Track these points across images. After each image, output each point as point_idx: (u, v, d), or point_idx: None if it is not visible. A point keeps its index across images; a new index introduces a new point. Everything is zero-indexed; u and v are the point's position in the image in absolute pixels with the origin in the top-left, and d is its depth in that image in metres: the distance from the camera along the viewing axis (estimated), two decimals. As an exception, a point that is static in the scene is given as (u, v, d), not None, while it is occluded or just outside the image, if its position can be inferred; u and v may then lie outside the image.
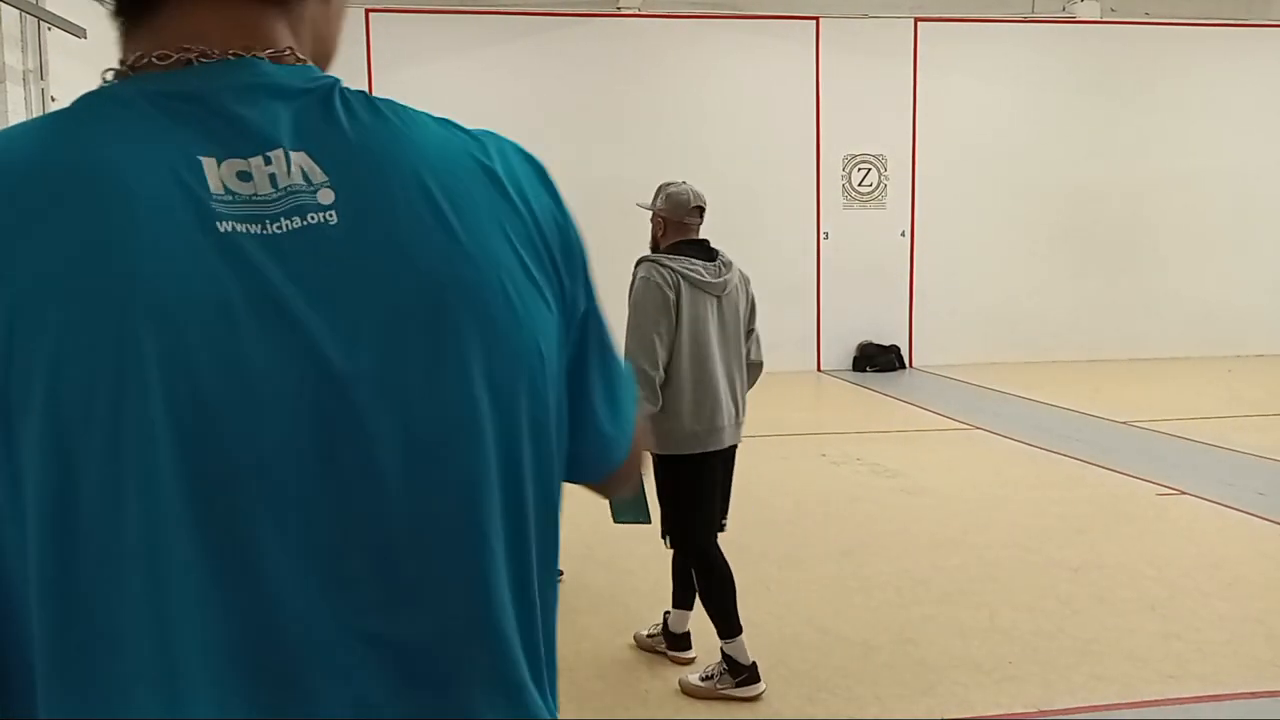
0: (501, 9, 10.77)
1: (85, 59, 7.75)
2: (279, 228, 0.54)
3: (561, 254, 0.66)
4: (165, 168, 0.53)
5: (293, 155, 0.55)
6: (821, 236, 11.68)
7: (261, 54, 0.58)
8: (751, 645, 3.25)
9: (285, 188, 0.54)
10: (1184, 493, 5.37)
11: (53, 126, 0.58)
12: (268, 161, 0.55)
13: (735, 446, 3.09)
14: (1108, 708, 2.86)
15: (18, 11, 6.75)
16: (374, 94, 0.63)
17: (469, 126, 0.67)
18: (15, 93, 6.87)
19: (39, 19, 6.97)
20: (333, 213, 0.55)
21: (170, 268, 0.51)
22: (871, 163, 11.85)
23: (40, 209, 0.51)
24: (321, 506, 0.54)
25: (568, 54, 10.82)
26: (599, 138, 10.77)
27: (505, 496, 0.59)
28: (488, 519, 0.58)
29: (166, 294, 0.50)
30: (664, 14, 10.91)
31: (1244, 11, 12.39)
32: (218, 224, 0.52)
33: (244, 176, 0.54)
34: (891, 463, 6.14)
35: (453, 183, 0.60)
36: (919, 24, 11.72)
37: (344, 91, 0.60)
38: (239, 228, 0.53)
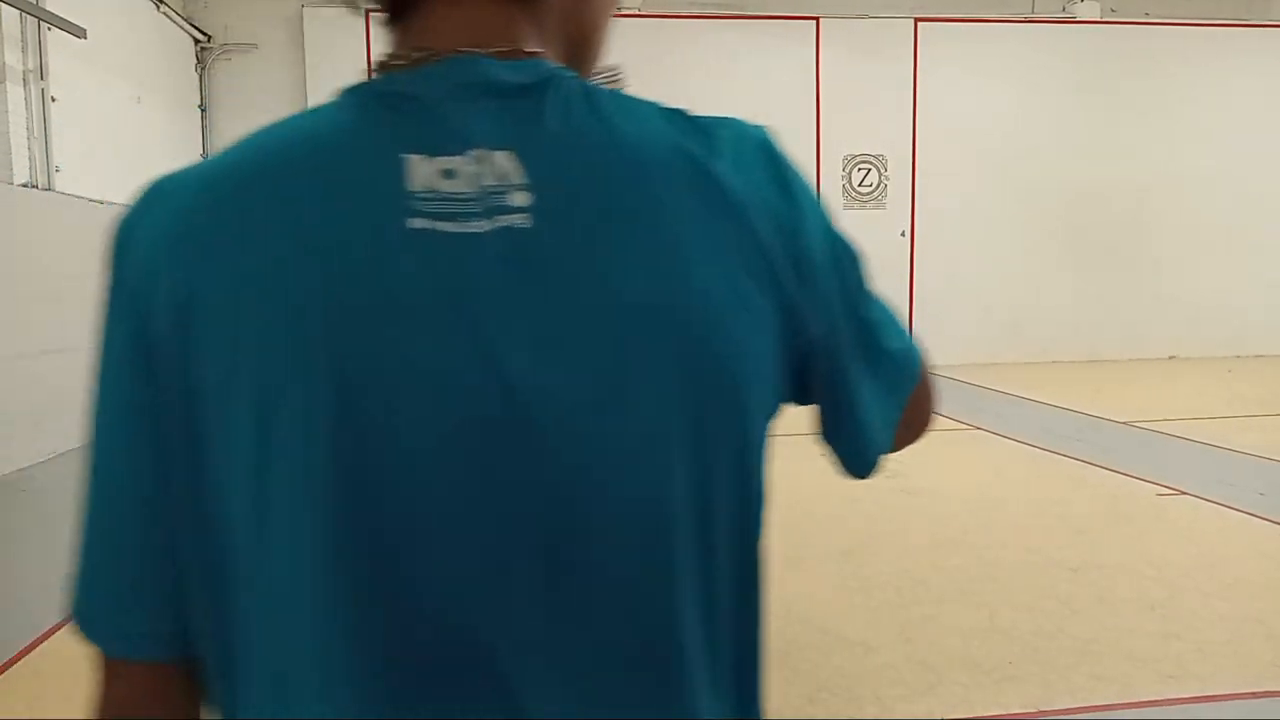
0: None
1: (85, 59, 7.76)
2: (474, 227, 0.53)
3: (789, 263, 0.58)
4: (369, 165, 0.54)
5: (496, 155, 0.54)
6: (822, 236, 11.70)
7: (489, 51, 0.57)
8: (751, 645, 3.26)
9: (485, 187, 0.54)
10: (1184, 493, 5.36)
11: (292, 122, 0.59)
12: (471, 161, 0.54)
13: None
14: (1107, 708, 2.86)
15: (18, 11, 6.76)
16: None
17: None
18: (15, 93, 6.87)
19: (39, 19, 6.97)
20: (527, 215, 0.53)
21: (358, 266, 0.52)
22: (871, 163, 11.85)
23: (256, 204, 0.54)
24: (481, 511, 0.53)
25: (568, 54, 10.82)
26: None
27: (696, 527, 0.56)
28: (670, 551, 0.55)
29: (353, 290, 0.52)
30: (664, 14, 10.92)
31: (1244, 11, 12.40)
32: (411, 220, 0.53)
33: (448, 174, 0.54)
34: (891, 463, 6.13)
35: (658, 189, 0.56)
36: (919, 24, 11.72)
37: (565, 87, 0.57)
38: (433, 225, 0.53)
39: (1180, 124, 12.23)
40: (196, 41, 10.40)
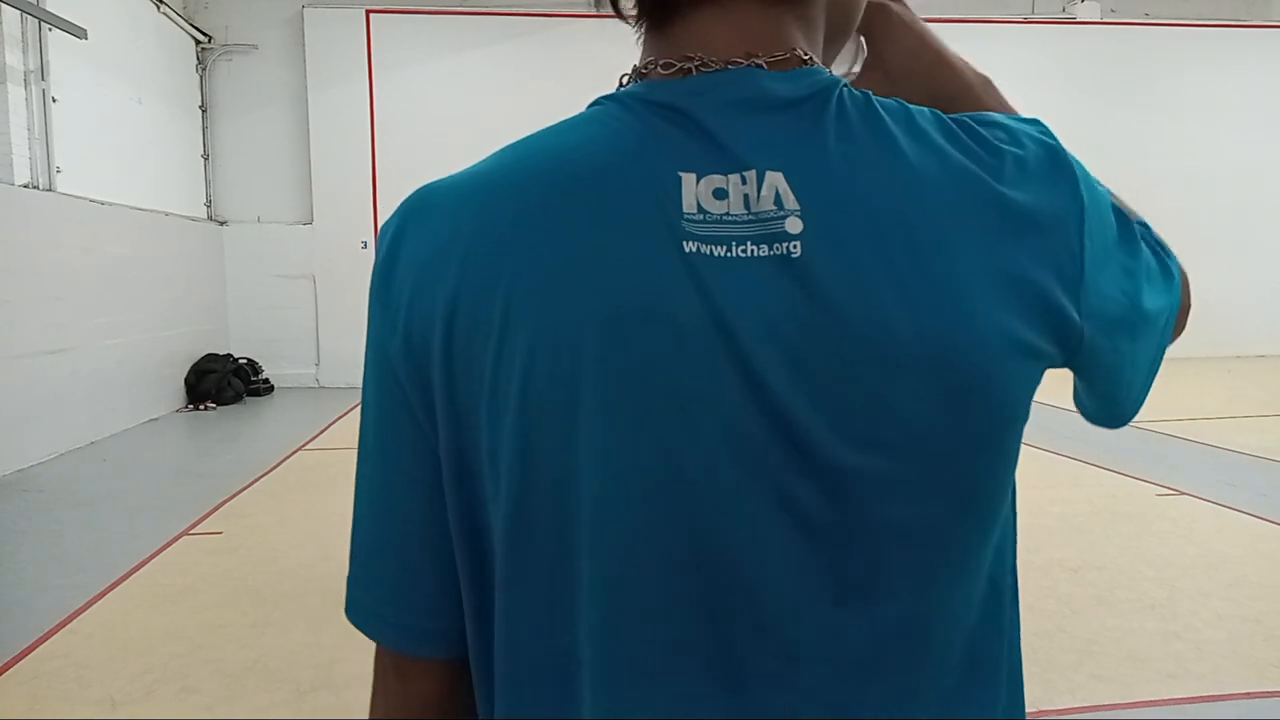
0: (502, 9, 10.77)
1: (86, 59, 7.76)
2: (744, 252, 0.52)
3: (1072, 285, 0.55)
4: (646, 181, 0.53)
5: (769, 176, 0.52)
6: (822, 237, 11.69)
7: (761, 60, 0.55)
8: (751, 645, 3.27)
9: (757, 212, 0.52)
10: (1184, 493, 5.36)
11: (559, 132, 0.58)
12: (744, 181, 0.52)
13: None
14: (1108, 707, 2.86)
15: (18, 12, 6.76)
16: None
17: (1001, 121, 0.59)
18: (16, 93, 6.87)
19: (39, 19, 6.97)
20: (798, 244, 0.51)
21: (630, 284, 0.52)
22: (872, 163, 11.86)
23: (530, 216, 0.53)
24: (757, 523, 0.53)
25: (568, 54, 10.81)
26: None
27: (960, 569, 0.57)
28: (943, 587, 0.56)
29: (622, 309, 0.51)
30: (665, 14, 10.91)
31: (1244, 11, 12.39)
32: (684, 244, 0.52)
33: (720, 194, 0.52)
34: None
35: (941, 218, 0.52)
36: (920, 24, 11.71)
37: (843, 100, 0.55)
38: (704, 249, 0.52)
39: (1180, 124, 12.22)
40: (197, 42, 10.41)
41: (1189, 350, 12.64)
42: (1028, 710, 2.27)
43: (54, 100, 7.20)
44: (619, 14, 0.59)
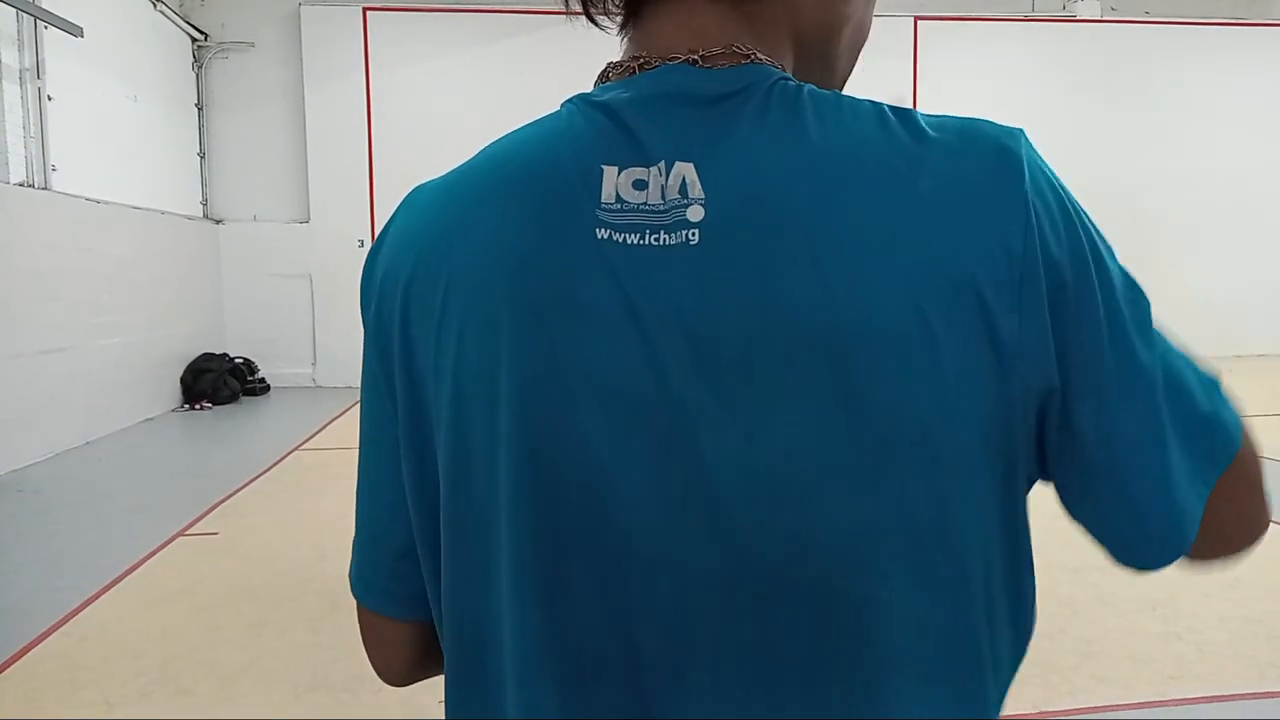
0: (500, 7, 10.75)
1: (82, 57, 7.74)
2: (656, 240, 0.53)
3: (1008, 287, 0.50)
4: (571, 176, 0.56)
5: (677, 166, 0.54)
6: (821, 236, 11.70)
7: (698, 56, 0.57)
8: (751, 646, 3.25)
9: (669, 200, 0.54)
10: (1184, 493, 5.35)
11: (518, 132, 0.62)
12: (660, 173, 0.54)
13: None
14: (1108, 708, 2.85)
15: (14, 10, 6.73)
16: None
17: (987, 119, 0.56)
18: (11, 91, 6.85)
19: (35, 17, 6.95)
20: (696, 232, 0.53)
21: (545, 272, 0.54)
22: (871, 162, 11.86)
23: (471, 210, 0.58)
24: (653, 512, 0.53)
25: (568, 52, 10.78)
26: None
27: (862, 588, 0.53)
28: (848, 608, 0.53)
29: (536, 295, 0.54)
30: (663, 13, 10.91)
31: (1244, 11, 12.40)
32: (597, 231, 0.54)
33: (639, 186, 0.54)
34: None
35: (845, 200, 0.51)
36: (919, 23, 11.71)
37: (771, 94, 0.55)
38: (616, 236, 0.54)
39: (1180, 124, 12.23)
40: (193, 40, 10.38)
41: (1189, 350, 12.65)
42: (1028, 711, 2.23)
43: (49, 98, 7.17)
44: (591, 19, 0.64)
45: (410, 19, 10.67)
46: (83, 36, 7.48)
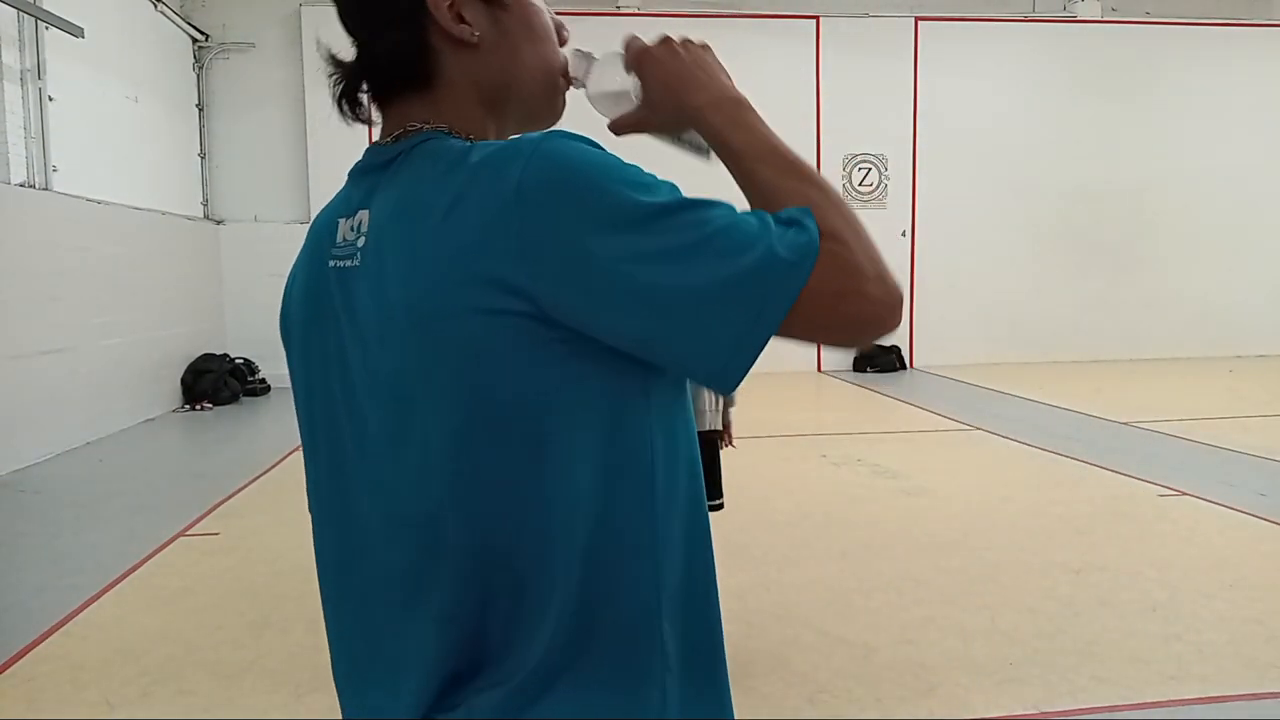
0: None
1: (83, 58, 7.74)
2: (345, 264, 0.80)
3: (501, 261, 0.69)
4: (327, 223, 0.86)
5: (359, 214, 0.81)
6: (821, 236, 11.69)
7: (387, 137, 0.83)
8: (751, 646, 3.25)
9: (354, 239, 0.80)
10: (1185, 493, 5.35)
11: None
12: (354, 219, 0.81)
13: (717, 432, 3.26)
14: (1109, 709, 2.84)
15: (15, 10, 6.73)
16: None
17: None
18: (13, 92, 6.85)
19: (36, 18, 6.95)
20: (357, 256, 0.79)
21: (308, 288, 0.86)
22: (872, 162, 11.84)
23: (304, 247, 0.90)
24: (347, 453, 0.82)
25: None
26: (597, 136, 10.72)
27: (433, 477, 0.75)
28: (416, 504, 0.76)
29: (305, 300, 0.87)
30: (663, 13, 10.91)
31: (1244, 11, 12.39)
32: (329, 261, 0.83)
33: (351, 229, 0.81)
34: (892, 464, 6.13)
35: (415, 220, 0.74)
36: (919, 23, 11.71)
37: (416, 153, 0.78)
38: (334, 263, 0.82)
39: (1180, 124, 12.22)
40: (194, 40, 10.38)
41: (1190, 350, 12.65)
42: (1028, 710, 2.23)
43: (50, 99, 7.18)
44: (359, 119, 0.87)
45: (411, 19, 10.67)
46: (83, 37, 7.48)
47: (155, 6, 9.33)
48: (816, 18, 11.46)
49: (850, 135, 11.62)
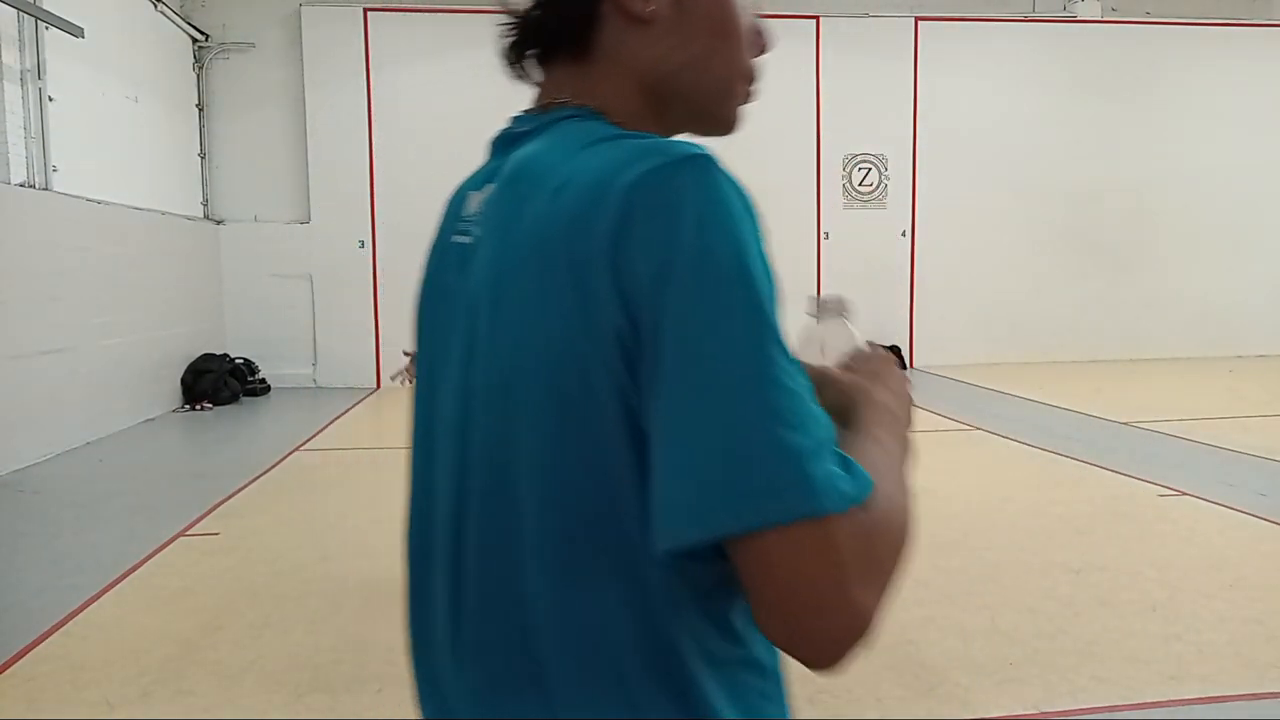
0: (500, 8, 10.74)
1: (83, 58, 7.74)
2: (465, 240, 0.75)
3: (609, 271, 0.61)
4: (460, 196, 0.81)
5: (487, 188, 0.75)
6: (822, 236, 11.67)
7: (535, 105, 0.79)
8: (751, 647, 3.25)
9: (475, 213, 0.75)
10: (1185, 493, 5.35)
11: None
12: (482, 192, 0.76)
13: None
14: (1109, 709, 2.84)
15: (15, 10, 6.73)
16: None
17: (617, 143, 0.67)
18: (12, 92, 6.85)
19: (36, 18, 6.95)
20: (472, 234, 0.74)
21: (429, 264, 0.83)
22: (872, 162, 11.84)
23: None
24: (457, 422, 0.73)
25: (567, 53, 10.79)
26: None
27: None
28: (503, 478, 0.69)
29: (423, 282, 0.83)
30: (663, 13, 10.90)
31: (1244, 11, 12.39)
32: (453, 236, 0.78)
33: (476, 204, 0.76)
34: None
35: (516, 200, 0.70)
36: (919, 23, 11.70)
37: (554, 129, 0.74)
38: (456, 239, 0.78)
39: (1180, 124, 12.22)
40: (194, 40, 10.38)
41: (1190, 350, 12.59)
42: (1028, 710, 2.23)
43: (50, 99, 7.18)
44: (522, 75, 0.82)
45: (410, 19, 10.67)
46: (83, 37, 7.48)
47: (155, 6, 9.33)
48: (816, 18, 11.45)
49: (850, 135, 11.62)
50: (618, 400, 0.61)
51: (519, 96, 0.85)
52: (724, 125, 0.82)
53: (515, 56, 0.80)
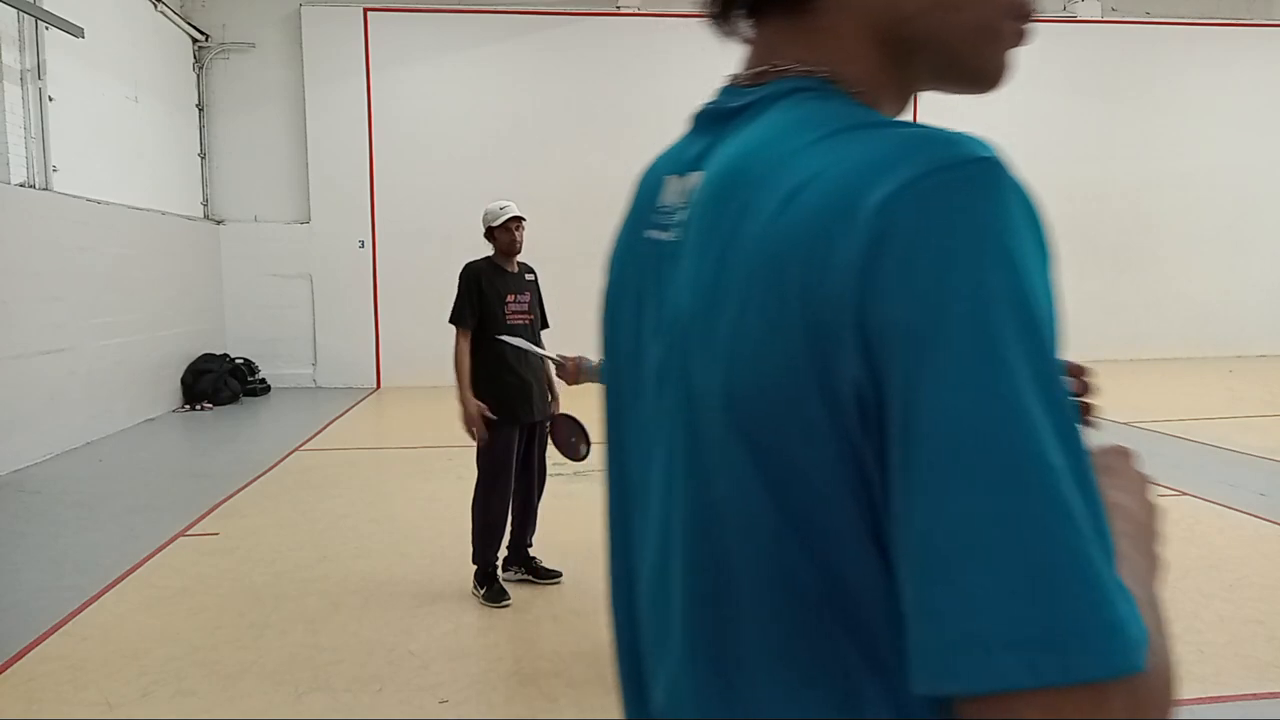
0: (500, 8, 10.75)
1: (83, 58, 7.74)
2: (662, 236, 0.64)
3: (853, 306, 0.49)
4: (654, 180, 0.69)
5: (693, 175, 0.62)
6: (821, 236, 11.68)
7: (745, 75, 0.64)
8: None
9: (678, 205, 0.63)
10: (1185, 493, 5.35)
11: None
12: (685, 179, 0.63)
13: None
14: (1109, 709, 2.85)
15: (15, 10, 6.73)
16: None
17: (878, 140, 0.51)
18: (13, 92, 6.85)
19: (36, 18, 6.95)
20: (673, 233, 0.63)
21: (616, 257, 0.72)
22: (871, 162, 11.84)
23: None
24: (658, 426, 0.63)
25: (566, 53, 10.79)
26: (597, 137, 10.75)
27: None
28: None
29: (610, 276, 0.72)
30: (663, 13, 10.89)
31: (1244, 11, 12.39)
32: (646, 230, 0.67)
33: (677, 192, 0.64)
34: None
35: (731, 201, 0.56)
36: (919, 23, 11.70)
37: (771, 106, 0.59)
38: (650, 234, 0.66)
39: (1180, 124, 12.22)
40: (194, 40, 10.38)
41: (1190, 350, 12.59)
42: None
43: (50, 99, 7.18)
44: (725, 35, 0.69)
45: (410, 19, 10.67)
46: (83, 37, 7.48)
47: (155, 6, 9.33)
48: (816, 18, 11.46)
49: (850, 135, 11.61)
50: (849, 466, 0.49)
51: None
52: (986, 79, 0.64)
53: (721, 8, 0.66)
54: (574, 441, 3.69)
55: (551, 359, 2.89)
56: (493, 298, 3.86)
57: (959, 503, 0.44)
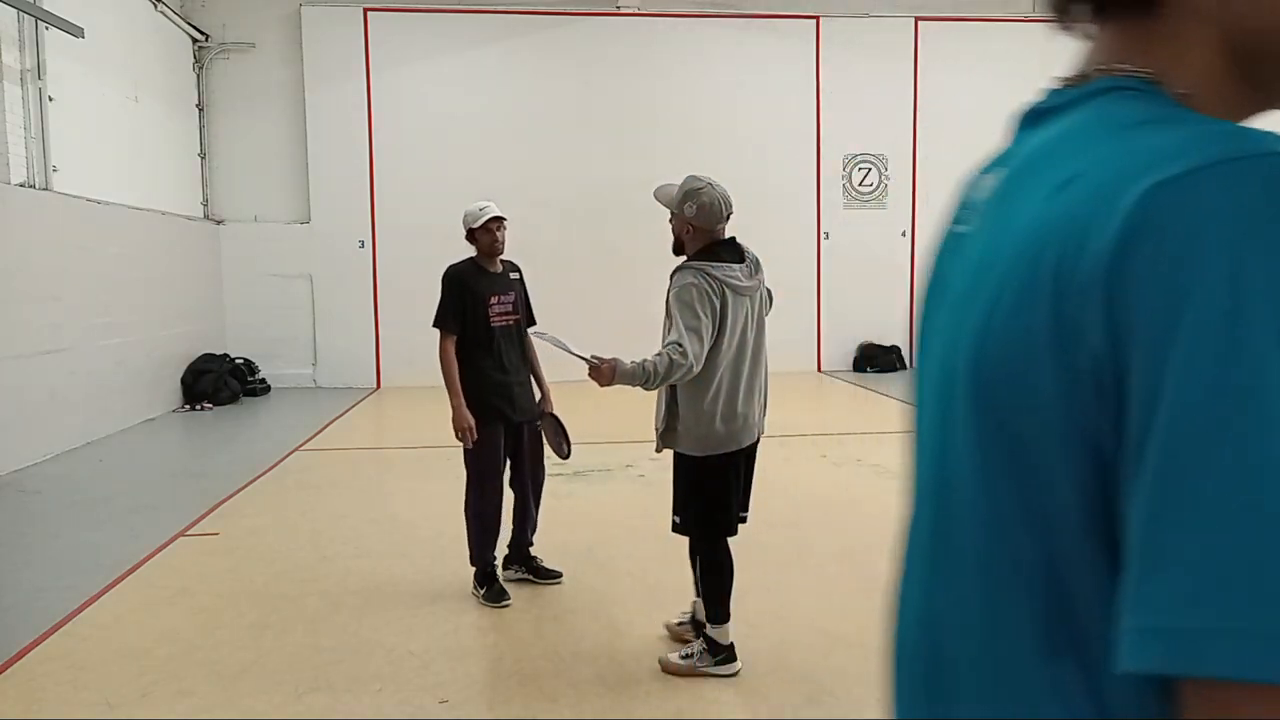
0: (500, 8, 10.75)
1: (83, 58, 7.74)
2: (964, 229, 0.67)
3: (1102, 303, 0.50)
4: (974, 179, 0.70)
5: (998, 172, 0.64)
6: (822, 236, 11.68)
7: (1074, 74, 0.64)
8: (752, 646, 3.25)
9: (979, 200, 0.65)
10: (1185, 493, 5.35)
11: None
12: (989, 177, 0.66)
13: (758, 441, 3.20)
14: (1109, 709, 2.84)
15: (15, 10, 6.74)
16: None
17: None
18: (13, 92, 6.85)
19: (37, 18, 6.95)
20: (970, 224, 0.66)
21: (937, 248, 0.73)
22: (872, 163, 11.84)
23: None
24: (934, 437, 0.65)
25: (566, 52, 10.80)
26: (598, 136, 10.76)
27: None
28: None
29: (931, 266, 0.72)
30: (663, 13, 10.90)
31: None
32: (955, 225, 0.69)
33: (980, 189, 0.67)
34: (893, 464, 6.13)
35: (1014, 191, 0.60)
36: (919, 23, 11.70)
37: (1085, 107, 0.59)
38: (956, 229, 0.69)
39: (1180, 123, 12.22)
40: (194, 40, 10.39)
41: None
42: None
43: (50, 99, 7.18)
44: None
45: (410, 19, 10.67)
46: (83, 37, 7.48)
47: (155, 6, 9.33)
48: (816, 18, 11.46)
49: (850, 135, 11.62)
50: (1074, 442, 0.51)
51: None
52: None
53: (1063, 4, 0.65)
54: (558, 440, 3.85)
55: (585, 360, 2.91)
56: (476, 299, 3.84)
57: (1193, 496, 0.45)
